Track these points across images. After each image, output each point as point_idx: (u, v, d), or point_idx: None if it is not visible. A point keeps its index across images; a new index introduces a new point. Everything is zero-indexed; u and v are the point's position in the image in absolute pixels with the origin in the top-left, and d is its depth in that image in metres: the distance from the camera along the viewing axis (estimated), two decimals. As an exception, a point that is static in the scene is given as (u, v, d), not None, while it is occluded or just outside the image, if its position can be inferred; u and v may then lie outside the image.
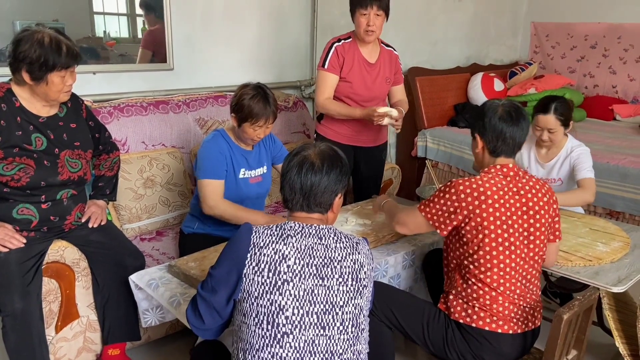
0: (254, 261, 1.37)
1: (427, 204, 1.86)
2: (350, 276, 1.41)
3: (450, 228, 1.80)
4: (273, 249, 1.38)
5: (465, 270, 1.81)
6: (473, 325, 1.77)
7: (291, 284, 1.36)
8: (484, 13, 5.22)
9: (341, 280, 1.40)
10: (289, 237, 1.40)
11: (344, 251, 1.43)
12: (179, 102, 3.04)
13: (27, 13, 2.59)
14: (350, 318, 1.41)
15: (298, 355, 1.36)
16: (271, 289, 1.35)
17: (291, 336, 1.36)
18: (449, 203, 1.78)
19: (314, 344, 1.37)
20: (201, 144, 2.32)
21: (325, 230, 1.44)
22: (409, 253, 2.19)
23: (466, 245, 1.79)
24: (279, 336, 1.35)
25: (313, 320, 1.37)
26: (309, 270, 1.38)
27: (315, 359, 1.37)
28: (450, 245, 1.88)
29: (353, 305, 1.42)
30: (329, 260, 1.40)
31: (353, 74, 2.77)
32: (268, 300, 1.35)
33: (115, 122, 2.72)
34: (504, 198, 1.76)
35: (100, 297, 2.20)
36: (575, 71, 5.38)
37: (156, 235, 2.72)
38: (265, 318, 1.36)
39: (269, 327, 1.36)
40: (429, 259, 2.25)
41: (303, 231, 1.42)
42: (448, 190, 1.79)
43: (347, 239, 1.46)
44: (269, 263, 1.36)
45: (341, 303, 1.40)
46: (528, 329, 1.80)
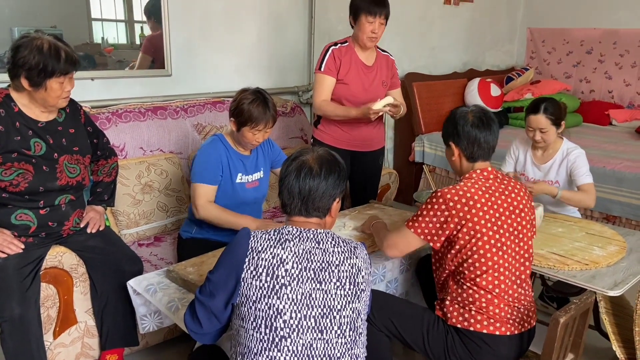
0: (252, 265, 1.38)
1: (416, 220, 1.84)
2: (347, 280, 1.42)
3: (443, 239, 1.80)
4: (271, 253, 1.38)
5: (459, 276, 1.81)
6: (471, 329, 1.77)
7: (289, 288, 1.36)
8: (481, 19, 5.25)
9: (339, 284, 1.41)
10: (287, 242, 1.41)
11: (342, 255, 1.44)
12: (177, 108, 3.05)
13: (25, 20, 2.60)
14: (348, 322, 1.42)
15: (296, 358, 1.36)
16: (269, 293, 1.36)
17: (289, 340, 1.36)
18: (439, 213, 1.78)
19: (312, 348, 1.37)
20: (199, 148, 2.33)
21: (323, 234, 1.45)
22: (406, 257, 2.20)
23: (459, 252, 1.79)
24: (277, 340, 1.36)
25: (311, 324, 1.37)
26: (307, 274, 1.38)
27: (313, 363, 1.37)
28: (441, 255, 1.88)
29: (351, 309, 1.42)
30: (327, 264, 1.41)
31: (350, 76, 2.79)
32: (266, 304, 1.36)
33: (113, 128, 2.73)
34: (491, 200, 1.78)
35: (98, 303, 2.20)
36: (571, 76, 5.41)
37: (154, 240, 2.73)
38: (263, 322, 1.36)
39: (267, 331, 1.36)
40: (423, 264, 2.25)
41: (301, 235, 1.43)
42: (435, 201, 1.80)
43: (345, 244, 1.47)
44: (267, 267, 1.37)
45: (339, 307, 1.40)
46: (524, 329, 1.81)
